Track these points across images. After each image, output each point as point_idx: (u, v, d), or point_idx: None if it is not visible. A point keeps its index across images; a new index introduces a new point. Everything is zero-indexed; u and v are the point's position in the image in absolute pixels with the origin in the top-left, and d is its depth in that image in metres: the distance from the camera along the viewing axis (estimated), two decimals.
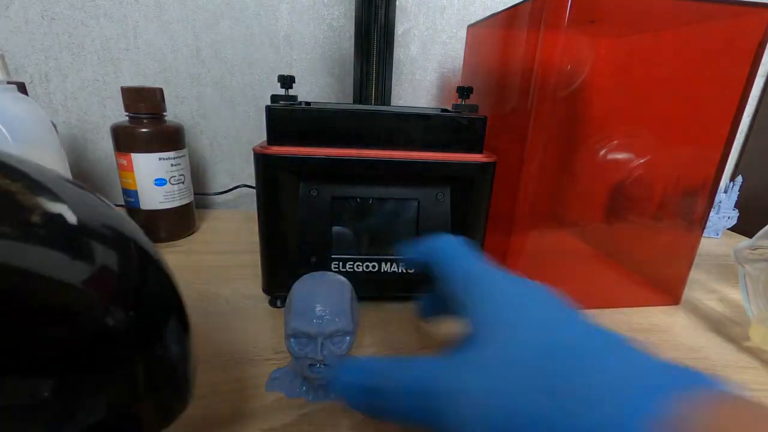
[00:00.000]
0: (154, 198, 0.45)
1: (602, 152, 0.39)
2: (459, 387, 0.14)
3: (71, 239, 0.10)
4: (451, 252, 0.20)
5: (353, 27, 0.44)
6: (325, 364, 0.23)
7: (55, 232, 0.10)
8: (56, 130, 0.31)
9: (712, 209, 0.56)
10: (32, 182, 0.10)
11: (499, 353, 0.14)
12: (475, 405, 0.13)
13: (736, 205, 0.59)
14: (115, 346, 0.11)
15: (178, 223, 0.48)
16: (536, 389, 0.13)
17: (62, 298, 0.10)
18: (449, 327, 0.34)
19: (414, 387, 0.15)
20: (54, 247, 0.10)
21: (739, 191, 0.59)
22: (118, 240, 0.12)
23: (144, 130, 0.43)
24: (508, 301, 0.16)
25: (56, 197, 0.10)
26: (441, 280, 0.20)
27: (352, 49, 0.43)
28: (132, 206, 0.45)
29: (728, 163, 0.53)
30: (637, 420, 0.11)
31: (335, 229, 0.34)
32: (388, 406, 0.15)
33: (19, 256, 0.09)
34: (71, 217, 0.10)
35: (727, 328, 0.37)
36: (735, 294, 0.43)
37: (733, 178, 0.60)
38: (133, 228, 0.12)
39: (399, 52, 0.59)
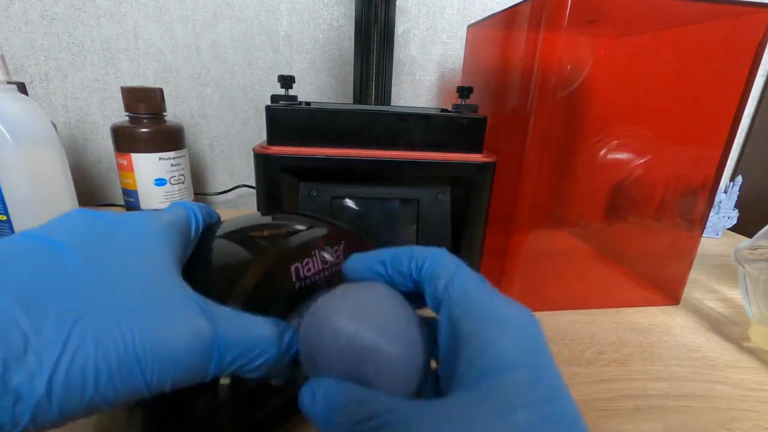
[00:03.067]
0: (154, 198, 0.45)
1: (602, 152, 0.39)
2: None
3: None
4: (449, 270, 0.17)
5: (353, 27, 0.44)
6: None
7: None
8: (56, 130, 0.31)
9: (712, 209, 0.56)
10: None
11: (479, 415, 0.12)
12: None
13: (736, 205, 0.59)
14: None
15: None
16: None
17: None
18: None
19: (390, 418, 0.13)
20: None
21: (739, 191, 0.59)
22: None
23: (144, 130, 0.43)
24: (504, 354, 0.14)
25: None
26: (432, 300, 0.17)
27: (352, 49, 0.43)
28: (132, 206, 0.45)
29: (728, 163, 0.53)
30: None
31: None
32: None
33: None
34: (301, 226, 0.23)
35: (727, 328, 0.37)
36: (735, 294, 0.43)
37: (733, 178, 0.60)
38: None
39: (399, 52, 0.59)
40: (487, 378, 0.13)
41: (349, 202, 0.35)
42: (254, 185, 0.33)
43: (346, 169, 0.32)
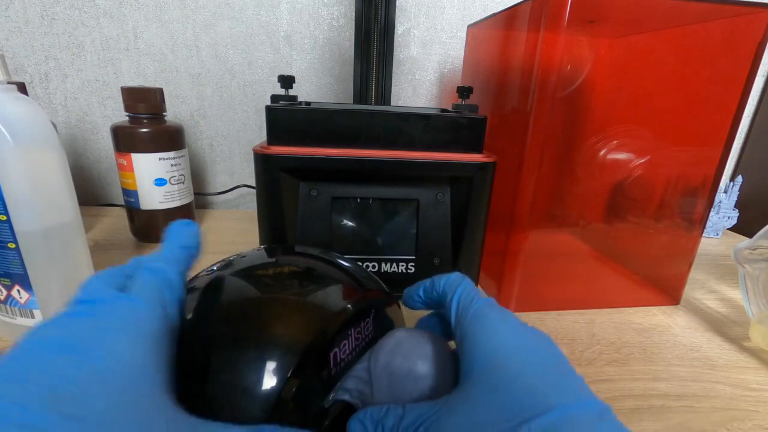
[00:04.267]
0: (154, 198, 0.45)
1: (602, 152, 0.39)
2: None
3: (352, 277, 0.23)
4: (460, 290, 0.21)
5: (353, 27, 0.44)
6: None
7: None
8: (56, 130, 0.31)
9: (712, 209, 0.56)
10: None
11: (480, 412, 0.15)
12: None
13: (736, 205, 0.59)
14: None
15: None
16: None
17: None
18: None
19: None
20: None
21: (739, 191, 0.59)
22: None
23: (144, 130, 0.43)
24: (506, 353, 0.17)
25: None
26: (447, 313, 0.21)
27: (352, 49, 0.43)
28: (132, 206, 0.45)
29: (728, 163, 0.53)
30: None
31: (335, 229, 0.34)
32: None
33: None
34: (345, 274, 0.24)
35: (727, 328, 0.37)
36: (735, 294, 0.43)
37: (733, 178, 0.60)
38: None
39: (399, 52, 0.59)
40: (469, 378, 0.17)
41: (349, 224, 0.35)
42: (254, 185, 0.33)
43: (346, 169, 0.32)
